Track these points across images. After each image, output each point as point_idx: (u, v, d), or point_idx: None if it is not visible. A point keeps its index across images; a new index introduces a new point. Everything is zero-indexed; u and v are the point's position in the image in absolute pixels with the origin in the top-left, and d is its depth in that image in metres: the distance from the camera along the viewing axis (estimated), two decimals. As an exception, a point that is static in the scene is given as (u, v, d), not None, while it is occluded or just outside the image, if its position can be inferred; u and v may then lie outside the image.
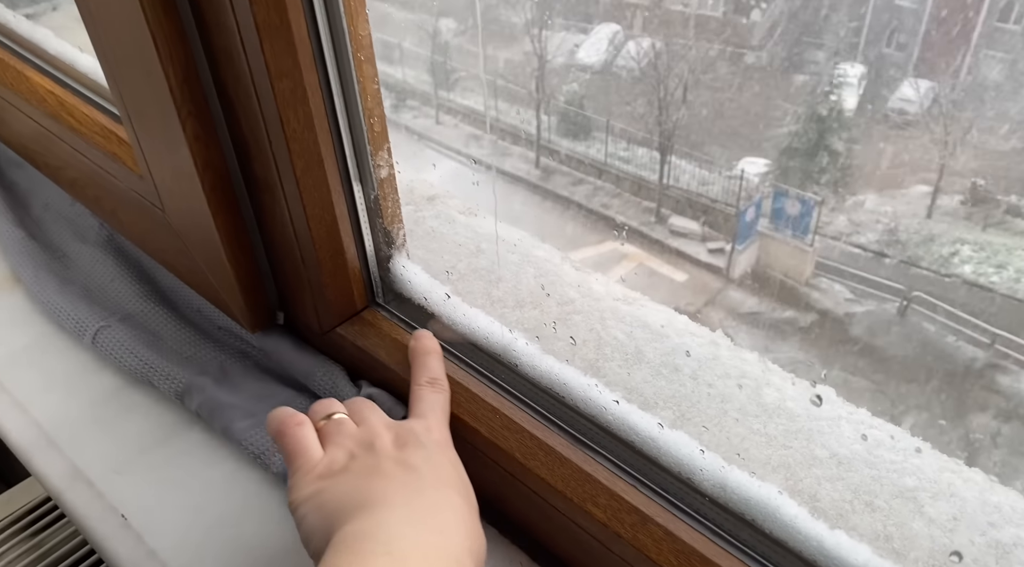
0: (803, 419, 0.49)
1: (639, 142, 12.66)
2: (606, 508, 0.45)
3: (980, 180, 10.39)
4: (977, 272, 9.88)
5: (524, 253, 0.65)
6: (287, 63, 0.45)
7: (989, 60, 9.62)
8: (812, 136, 11.52)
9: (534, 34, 12.87)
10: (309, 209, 0.51)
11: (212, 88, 0.49)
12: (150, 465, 0.58)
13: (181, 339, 0.64)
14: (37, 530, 0.68)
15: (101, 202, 0.69)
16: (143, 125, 0.53)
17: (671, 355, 0.57)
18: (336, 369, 0.58)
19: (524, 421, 0.50)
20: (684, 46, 12.65)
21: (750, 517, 0.43)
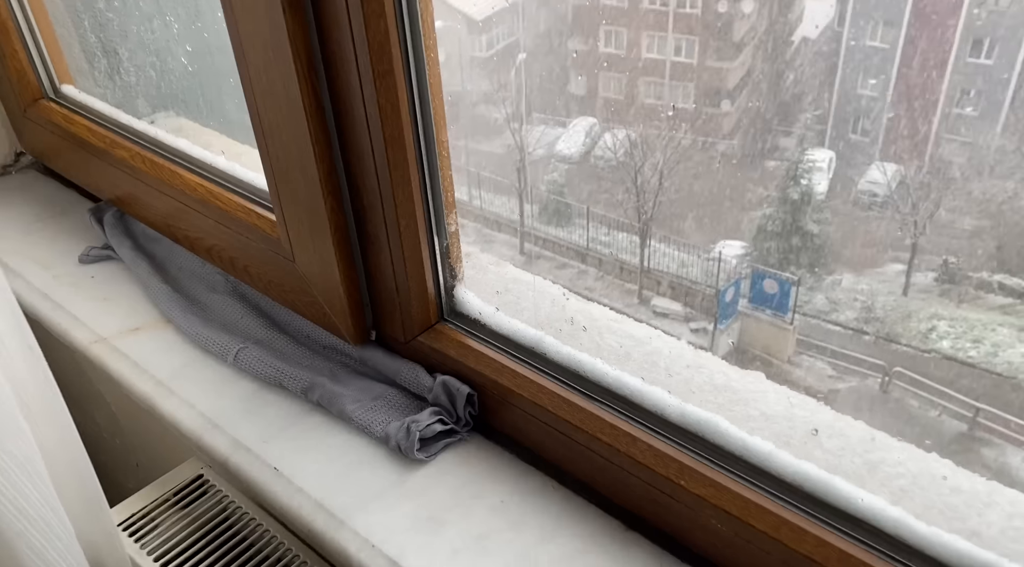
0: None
1: (619, 227, 13.03)
2: (610, 435, 0.70)
3: (951, 258, 10.77)
4: (955, 347, 10.13)
5: (539, 290, 0.92)
6: (399, 158, 0.72)
7: (950, 143, 10.17)
8: (786, 219, 11.94)
9: (515, 128, 13.35)
10: (406, 254, 0.78)
11: (344, 176, 0.76)
12: (289, 437, 0.82)
13: (299, 354, 0.90)
14: (188, 502, 0.91)
15: (235, 261, 0.95)
16: (291, 202, 0.80)
17: (650, 355, 0.83)
18: (417, 367, 0.83)
19: (552, 386, 0.75)
20: (658, 136, 13.18)
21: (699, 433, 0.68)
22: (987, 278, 8.31)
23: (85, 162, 1.10)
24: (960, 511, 0.64)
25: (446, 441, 0.80)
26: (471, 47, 10.94)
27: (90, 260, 1.08)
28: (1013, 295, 8.16)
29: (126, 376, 0.91)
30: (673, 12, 9.36)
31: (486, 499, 0.75)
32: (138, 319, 0.98)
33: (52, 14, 1.15)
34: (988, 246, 8.26)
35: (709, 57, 9.71)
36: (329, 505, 0.75)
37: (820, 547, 0.60)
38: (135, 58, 1.33)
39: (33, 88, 1.14)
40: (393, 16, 0.66)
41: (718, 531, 0.65)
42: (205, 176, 0.96)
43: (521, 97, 10.75)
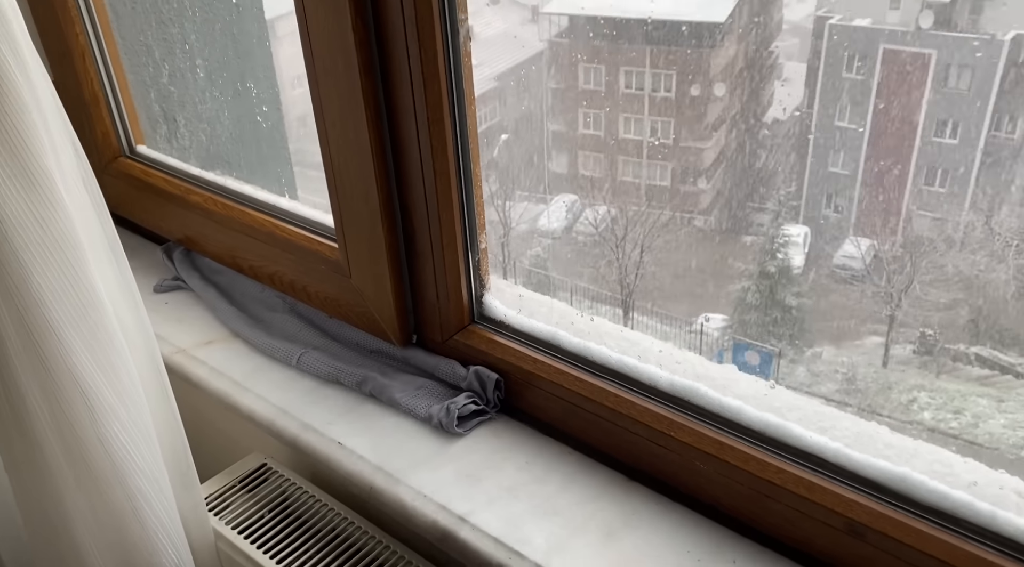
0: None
1: (602, 300, 13.21)
2: (614, 402, 0.89)
3: (928, 330, 11.01)
4: (936, 418, 10.26)
5: (552, 307, 1.11)
6: (445, 188, 0.92)
7: (921, 219, 10.60)
8: (764, 292, 12.19)
9: (498, 205, 13.65)
10: (447, 268, 0.97)
11: (398, 202, 0.96)
12: (347, 421, 1.00)
13: (351, 358, 1.08)
14: (253, 487, 1.07)
15: (295, 283, 1.14)
16: (353, 226, 1.00)
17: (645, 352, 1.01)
18: (453, 362, 1.01)
19: (565, 368, 0.93)
20: (637, 212, 13.54)
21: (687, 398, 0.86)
22: (964, 350, 8.61)
23: (158, 208, 1.30)
24: (880, 448, 0.82)
25: (479, 419, 0.98)
26: (455, 128, 10.89)
27: (163, 290, 1.26)
28: (990, 367, 8.47)
29: (204, 378, 1.09)
30: (648, 95, 9.85)
31: (513, 461, 0.92)
32: (210, 334, 1.16)
33: (131, 86, 1.36)
34: (963, 318, 8.58)
35: (684, 137, 10.16)
36: (387, 468, 0.92)
37: (779, 474, 0.79)
38: (190, 125, 1.54)
39: (114, 148, 1.34)
40: (445, 77, 0.87)
41: (701, 471, 0.83)
42: (270, 213, 1.16)
43: (504, 175, 11.14)
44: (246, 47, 1.54)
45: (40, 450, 0.83)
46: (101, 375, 0.81)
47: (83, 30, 1.24)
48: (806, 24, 7.96)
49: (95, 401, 0.81)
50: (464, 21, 0.87)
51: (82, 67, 1.25)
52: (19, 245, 0.73)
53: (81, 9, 1.23)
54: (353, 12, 0.86)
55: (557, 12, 9.17)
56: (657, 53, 9.03)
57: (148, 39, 1.41)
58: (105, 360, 0.81)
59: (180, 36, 1.45)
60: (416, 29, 0.85)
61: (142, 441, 0.87)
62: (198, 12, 1.46)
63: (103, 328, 0.81)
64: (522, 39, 9.62)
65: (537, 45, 9.69)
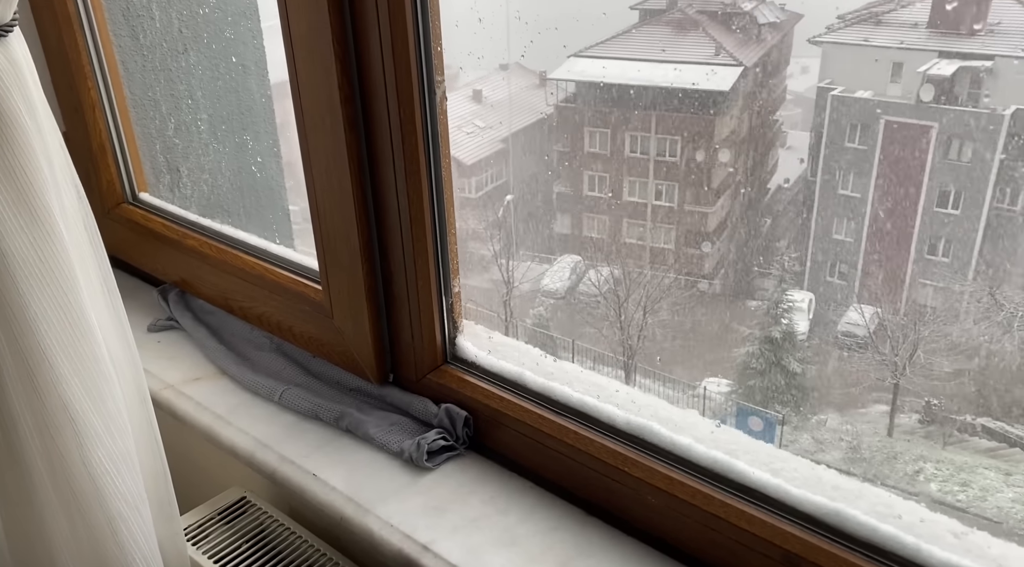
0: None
1: (604, 362, 13.03)
2: (574, 440, 0.93)
3: (933, 400, 10.80)
4: (943, 490, 10.03)
5: (521, 350, 1.16)
6: (420, 235, 0.99)
7: (924, 288, 10.65)
8: (769, 357, 11.99)
9: (502, 264, 13.70)
10: (422, 310, 1.03)
11: (377, 247, 1.03)
12: (323, 453, 1.04)
13: (331, 394, 1.13)
14: (232, 519, 1.11)
15: (281, 323, 1.20)
16: (335, 268, 1.06)
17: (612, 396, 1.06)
18: (425, 399, 1.06)
19: (530, 407, 0.98)
20: (641, 274, 13.49)
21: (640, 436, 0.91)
22: (970, 421, 8.57)
23: (156, 252, 1.37)
24: (827, 490, 0.87)
25: (448, 455, 1.02)
26: (462, 189, 11.56)
27: (157, 329, 1.32)
28: (997, 439, 8.45)
29: (190, 413, 1.14)
30: (653, 160, 10.08)
31: (479, 494, 0.97)
32: (198, 372, 1.22)
33: (137, 136, 1.44)
34: (969, 389, 8.58)
35: (689, 201, 10.39)
36: (357, 499, 0.97)
37: (723, 507, 0.83)
38: (192, 175, 1.62)
39: (117, 194, 1.42)
40: (422, 133, 0.94)
41: (653, 505, 0.88)
42: (260, 257, 1.22)
43: (508, 235, 11.31)
44: (248, 104, 1.63)
45: (28, 472, 0.87)
46: (89, 402, 0.87)
47: (95, 85, 1.32)
48: (809, 95, 8.20)
49: (82, 426, 0.86)
50: (440, 82, 0.95)
51: (92, 119, 1.34)
52: (19, 276, 0.79)
53: (94, 65, 1.32)
54: (339, 72, 0.94)
55: (564, 78, 9.45)
56: (662, 119, 9.29)
57: (156, 94, 1.50)
58: (94, 387, 0.87)
59: (187, 92, 1.54)
60: (396, 89, 0.93)
61: (125, 468, 0.91)
62: (205, 70, 1.56)
63: (93, 357, 0.86)
64: (530, 103, 9.87)
65: (544, 109, 9.95)
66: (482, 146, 14.60)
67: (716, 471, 0.86)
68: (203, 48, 1.51)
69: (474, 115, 14.41)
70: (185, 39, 1.50)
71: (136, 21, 1.43)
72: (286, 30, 0.97)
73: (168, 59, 1.49)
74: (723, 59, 12.84)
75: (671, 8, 13.18)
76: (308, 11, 0.93)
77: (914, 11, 12.33)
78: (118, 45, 1.40)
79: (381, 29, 0.90)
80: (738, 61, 12.96)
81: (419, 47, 0.91)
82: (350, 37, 0.93)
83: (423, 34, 0.91)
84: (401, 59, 0.91)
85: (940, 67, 11.38)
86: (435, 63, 0.94)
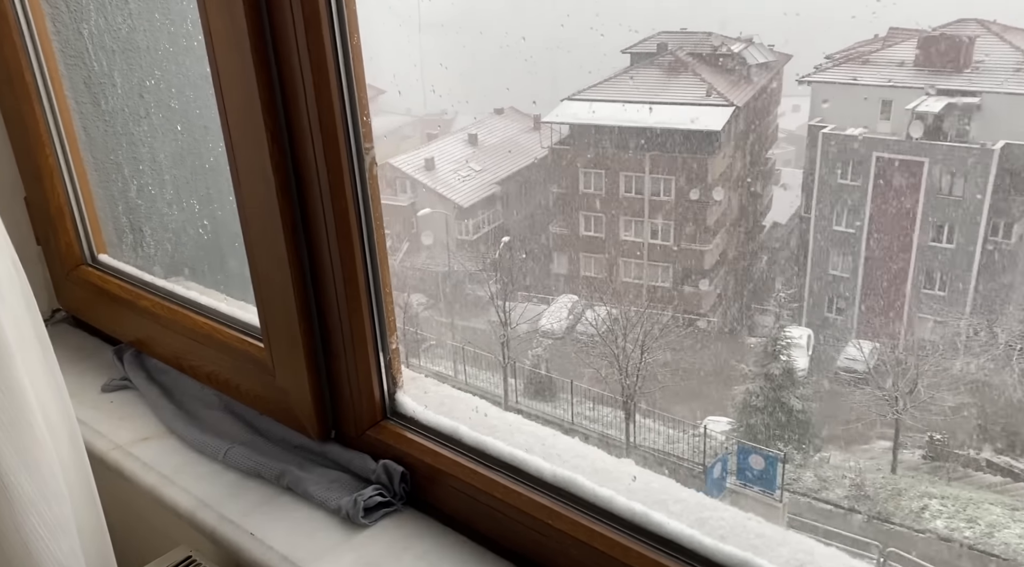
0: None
1: (604, 402, 12.95)
2: (503, 493, 0.95)
3: (936, 434, 10.72)
4: (950, 527, 9.87)
5: (458, 399, 1.18)
6: (354, 294, 1.02)
7: (923, 322, 10.73)
8: (769, 394, 11.90)
9: (499, 305, 13.67)
10: (359, 366, 1.05)
11: (315, 308, 1.05)
12: (263, 512, 1.06)
13: (274, 452, 1.15)
14: (178, 578, 1.12)
15: (228, 382, 1.22)
16: (275, 328, 1.09)
17: (550, 448, 1.08)
18: (364, 456, 1.08)
19: (464, 462, 1.00)
20: (639, 313, 13.48)
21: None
22: (974, 456, 8.55)
23: (113, 313, 1.40)
24: (751, 538, 0.88)
25: (385, 511, 1.04)
26: (458, 231, 11.76)
27: (111, 389, 1.35)
28: (1002, 473, 8.41)
29: (137, 472, 1.16)
30: (648, 199, 10.26)
31: (412, 550, 0.98)
32: (147, 431, 1.24)
33: (96, 199, 1.48)
34: (971, 423, 8.57)
35: (685, 240, 10.54)
36: (292, 558, 0.98)
37: (640, 559, 0.84)
38: (156, 234, 1.65)
39: (76, 256, 1.45)
40: (352, 197, 0.98)
41: (575, 557, 0.89)
42: (209, 317, 1.25)
43: (505, 276, 11.40)
44: (211, 164, 1.67)
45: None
46: (22, 468, 0.89)
47: (52, 152, 1.36)
48: (800, 133, 8.45)
49: (15, 494, 0.88)
50: (370, 149, 0.99)
51: (50, 184, 1.38)
52: (-52, 346, 0.82)
53: (52, 133, 1.36)
54: (270, 141, 0.98)
55: (558, 121, 9.71)
56: (656, 159, 9.48)
57: (119, 157, 1.54)
58: (27, 454, 0.89)
59: (149, 155, 1.59)
60: (325, 158, 0.96)
61: (61, 533, 0.93)
62: (166, 134, 1.60)
63: (27, 424, 0.89)
64: (525, 146, 10.11)
65: (539, 151, 10.18)
66: (478, 189, 14.76)
67: (635, 522, 0.88)
68: (162, 113, 1.55)
69: (469, 158, 14.60)
70: (146, 104, 1.54)
71: (98, 88, 1.47)
72: (220, 102, 1.01)
73: (130, 124, 1.53)
74: (714, 100, 13.03)
75: (662, 51, 13.41)
76: (239, 84, 0.97)
77: (900, 50, 12.50)
78: (79, 112, 1.44)
79: (307, 101, 0.94)
80: (729, 101, 13.15)
81: (345, 117, 0.95)
82: (280, 109, 0.97)
83: (349, 105, 0.95)
84: (328, 128, 0.95)
85: (928, 104, 11.52)
86: (363, 131, 0.97)
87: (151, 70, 1.55)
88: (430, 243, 14.28)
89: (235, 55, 0.96)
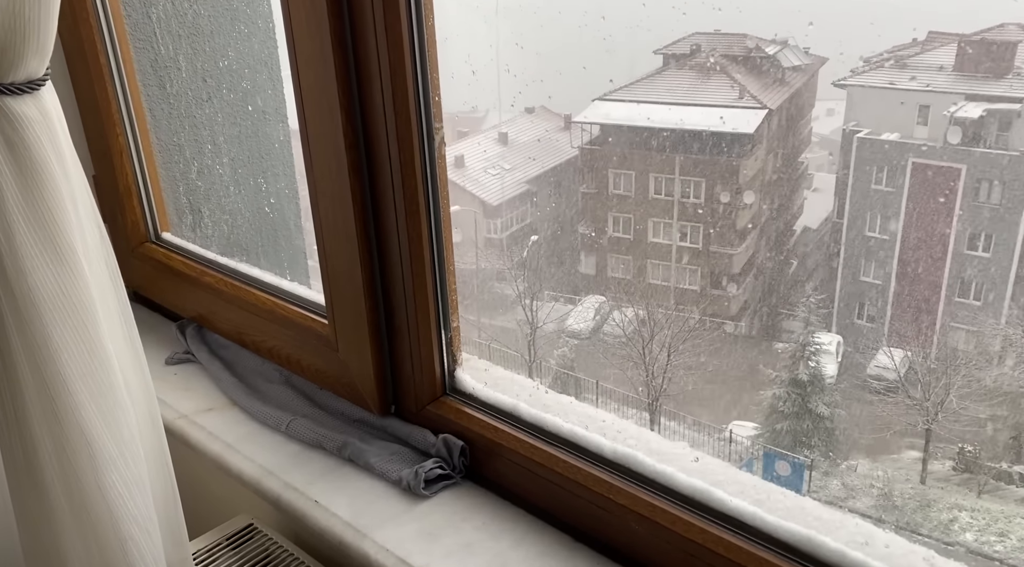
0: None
1: (629, 403, 12.87)
2: (563, 468, 0.97)
3: (968, 446, 10.48)
4: (980, 540, 9.65)
5: (516, 382, 1.20)
6: (420, 272, 1.04)
7: (956, 331, 10.46)
8: (796, 400, 11.71)
9: (526, 304, 13.61)
10: (422, 344, 1.08)
11: (380, 283, 1.08)
12: (326, 481, 1.09)
13: (335, 425, 1.18)
14: (239, 545, 1.16)
15: (290, 357, 1.25)
16: (340, 304, 1.12)
17: (602, 427, 1.10)
18: (425, 430, 1.11)
19: (523, 437, 1.03)
20: (666, 315, 13.36)
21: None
22: (1007, 468, 8.35)
23: (176, 288, 1.44)
24: (809, 520, 0.90)
25: (444, 483, 1.06)
26: (486, 229, 11.73)
27: (174, 362, 1.39)
28: (1035, 487, 7.87)
29: (202, 441, 1.19)
30: (678, 201, 10.16)
31: (472, 521, 1.01)
32: (211, 403, 1.27)
33: (160, 179, 1.52)
34: (1004, 435, 8.37)
35: (714, 243, 10.43)
36: (356, 524, 1.01)
37: (701, 534, 0.86)
38: (214, 216, 1.69)
39: (141, 234, 1.49)
40: (421, 176, 1.00)
41: (636, 532, 0.91)
42: (271, 293, 1.29)
43: (533, 275, 11.37)
44: (267, 148, 1.71)
45: (46, 494, 0.93)
46: (105, 428, 0.92)
47: (123, 132, 1.41)
48: (835, 137, 8.28)
49: (98, 451, 0.92)
50: (439, 129, 1.01)
51: (119, 164, 1.42)
52: (43, 309, 0.86)
53: (123, 114, 1.40)
54: (344, 121, 1.01)
55: (589, 121, 9.62)
56: (686, 161, 9.39)
57: (181, 139, 1.58)
58: (110, 415, 0.93)
59: (210, 137, 1.63)
60: (397, 136, 0.99)
61: (137, 492, 0.97)
62: (227, 117, 1.64)
63: (110, 386, 0.92)
64: (555, 146, 10.04)
65: (569, 151, 10.11)
66: (508, 188, 14.75)
67: (696, 499, 0.89)
68: (224, 96, 1.59)
69: (500, 157, 14.60)
70: (209, 88, 1.58)
71: (164, 72, 1.51)
72: (296, 82, 1.04)
73: (193, 107, 1.58)
74: (747, 102, 12.93)
75: (695, 53, 13.34)
76: (316, 64, 1.00)
77: (939, 54, 12.34)
78: (146, 94, 1.49)
79: (383, 81, 0.97)
80: (762, 104, 13.04)
81: (418, 97, 0.98)
82: (354, 88, 1.00)
83: (422, 85, 0.98)
84: (401, 108, 0.97)
85: (967, 110, 11.35)
86: (434, 111, 1.00)
87: (215, 55, 1.59)
88: (459, 241, 14.32)
89: (314, 37, 0.99)
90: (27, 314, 0.84)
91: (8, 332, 0.84)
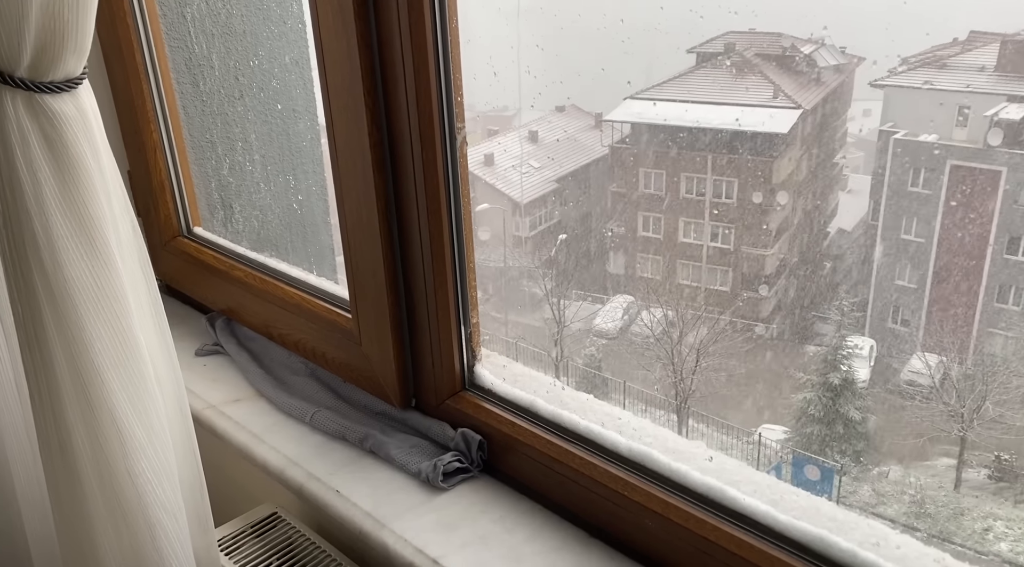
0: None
1: (656, 404, 12.83)
2: (579, 465, 0.98)
3: (1004, 454, 10.24)
4: (1015, 551, 9.44)
5: (535, 378, 1.22)
6: (441, 269, 1.06)
7: (993, 337, 10.21)
8: (827, 404, 11.60)
9: (553, 303, 13.61)
10: (442, 339, 1.10)
11: (402, 281, 1.10)
12: (347, 472, 1.11)
13: (357, 417, 1.20)
14: (263, 533, 1.19)
15: (315, 350, 1.28)
16: (363, 299, 1.14)
17: (620, 426, 1.11)
18: (444, 424, 1.13)
19: (540, 433, 1.04)
20: (695, 317, 13.27)
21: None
22: (1044, 479, 7.81)
23: (206, 282, 1.47)
24: (824, 521, 0.90)
25: (462, 476, 1.08)
26: (515, 227, 11.66)
27: (204, 353, 1.42)
28: (1073, 498, 7.68)
29: (228, 431, 1.22)
30: (710, 201, 10.01)
31: (488, 514, 1.02)
32: (239, 394, 1.31)
33: (193, 175, 1.56)
34: (1043, 445, 7.83)
35: (746, 244, 10.26)
36: (375, 514, 1.03)
37: (714, 531, 0.87)
38: (244, 212, 1.73)
39: (174, 228, 1.53)
40: (443, 175, 1.02)
41: (650, 528, 0.92)
42: (299, 288, 1.31)
43: (561, 274, 11.29)
44: (297, 146, 1.74)
45: (79, 480, 0.96)
46: (135, 416, 0.95)
47: (157, 128, 1.44)
48: (871, 138, 8.01)
49: (128, 438, 0.95)
50: (461, 129, 1.03)
51: (153, 159, 1.46)
52: (78, 299, 0.89)
53: (158, 111, 1.44)
54: (369, 120, 1.03)
55: (620, 120, 9.45)
56: (719, 161, 9.23)
57: (213, 137, 1.62)
58: (140, 403, 0.96)
59: (241, 134, 1.66)
60: (420, 136, 1.01)
61: (166, 479, 1.00)
62: (258, 115, 1.67)
63: (140, 375, 0.95)
64: (585, 144, 9.91)
65: (599, 150, 9.97)
66: (536, 186, 14.76)
67: (710, 497, 0.90)
68: (256, 94, 1.62)
69: (529, 155, 14.61)
70: (241, 86, 1.62)
71: (197, 70, 1.55)
72: (323, 81, 1.07)
73: (225, 104, 1.61)
74: (781, 102, 12.80)
75: (728, 51, 13.25)
76: (342, 65, 1.02)
77: (980, 55, 12.11)
78: (180, 92, 1.52)
79: (407, 81, 0.99)
80: (797, 104, 12.90)
81: (441, 97, 1.00)
82: (379, 89, 1.02)
83: (445, 86, 1.00)
84: (424, 108, 0.99)
85: (1009, 111, 11.13)
86: (456, 112, 1.02)
87: (247, 54, 1.62)
88: (487, 238, 14.35)
89: (340, 38, 1.01)
90: (63, 305, 0.87)
91: (45, 322, 0.87)
